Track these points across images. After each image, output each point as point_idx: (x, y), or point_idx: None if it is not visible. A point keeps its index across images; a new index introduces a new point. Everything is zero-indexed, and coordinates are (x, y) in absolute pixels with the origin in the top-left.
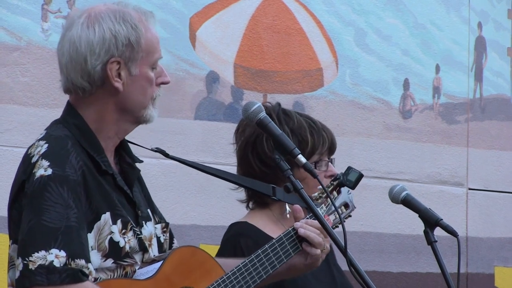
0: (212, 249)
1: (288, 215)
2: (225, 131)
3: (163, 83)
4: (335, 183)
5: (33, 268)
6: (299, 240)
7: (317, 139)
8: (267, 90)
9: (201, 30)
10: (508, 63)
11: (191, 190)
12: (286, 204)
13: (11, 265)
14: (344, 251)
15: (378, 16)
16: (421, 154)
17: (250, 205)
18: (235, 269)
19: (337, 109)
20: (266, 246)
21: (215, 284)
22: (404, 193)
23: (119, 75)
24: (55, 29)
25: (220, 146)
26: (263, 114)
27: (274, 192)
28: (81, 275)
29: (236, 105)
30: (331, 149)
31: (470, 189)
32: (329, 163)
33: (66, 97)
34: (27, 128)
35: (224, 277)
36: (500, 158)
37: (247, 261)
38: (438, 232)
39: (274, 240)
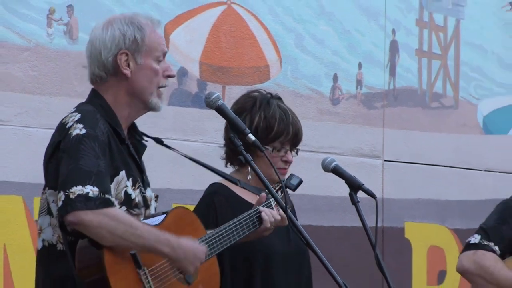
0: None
1: (249, 179)
2: (193, 115)
3: (169, 75)
4: (279, 185)
5: (73, 197)
6: (257, 221)
7: (281, 130)
8: (225, 82)
9: (174, 34)
10: (416, 61)
11: (166, 162)
12: (249, 171)
13: (43, 210)
14: (285, 210)
15: (313, 24)
16: (347, 133)
17: (228, 165)
18: (214, 232)
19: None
20: (235, 220)
21: (201, 241)
22: (333, 164)
23: (128, 65)
24: (58, 33)
25: (188, 126)
26: (220, 101)
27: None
28: (111, 202)
29: (201, 94)
30: (294, 141)
31: (385, 160)
32: (288, 151)
33: (66, 88)
34: (35, 112)
35: (207, 236)
36: (409, 136)
37: (223, 227)
38: (360, 194)
39: (241, 217)
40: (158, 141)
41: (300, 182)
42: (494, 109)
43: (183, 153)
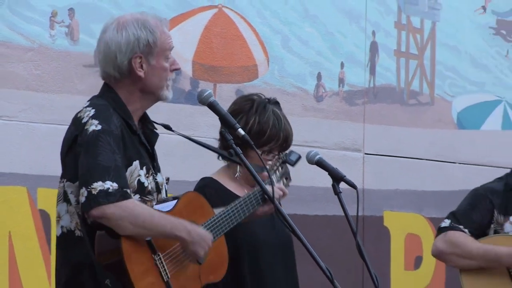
0: None
1: (238, 176)
2: (186, 110)
3: (175, 69)
4: (280, 160)
5: (95, 193)
6: (261, 199)
7: (272, 136)
8: (216, 81)
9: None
10: (394, 61)
11: (160, 154)
12: (238, 168)
13: (60, 198)
14: (272, 200)
15: (298, 26)
16: (330, 128)
17: (219, 158)
18: (222, 212)
19: (268, 95)
20: (240, 199)
21: (209, 221)
22: (317, 157)
23: (141, 66)
24: (60, 35)
25: (181, 121)
26: (212, 98)
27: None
28: (129, 195)
29: (193, 92)
30: (282, 146)
31: (365, 154)
32: (276, 156)
33: (67, 86)
34: (39, 108)
35: (214, 218)
36: (388, 131)
37: (229, 207)
38: (342, 185)
39: (245, 196)
40: (167, 127)
41: (299, 157)
42: (467, 106)
43: (190, 137)
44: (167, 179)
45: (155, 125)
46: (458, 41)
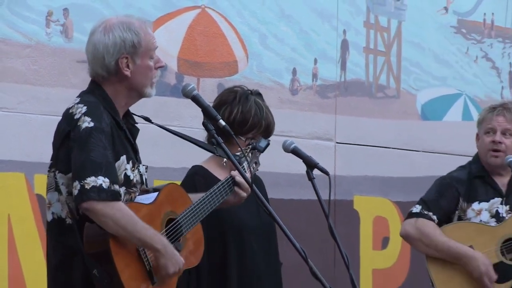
0: (163, 182)
1: (224, 164)
2: (171, 103)
3: (160, 67)
4: (250, 147)
5: (88, 188)
6: (233, 185)
7: (255, 124)
8: (200, 75)
9: (155, 34)
10: (363, 58)
11: (148, 144)
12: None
13: (51, 187)
14: (250, 186)
15: (275, 25)
16: (304, 119)
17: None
18: (198, 201)
19: None
20: (214, 187)
21: (187, 211)
22: (292, 145)
23: (127, 66)
24: (55, 33)
25: (167, 113)
26: (195, 92)
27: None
28: (119, 196)
29: (178, 86)
30: (265, 134)
31: (337, 143)
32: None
33: (62, 80)
34: (36, 100)
35: (191, 207)
36: (358, 122)
37: (204, 196)
38: (315, 172)
39: (219, 184)
40: (147, 119)
41: (268, 144)
42: (430, 99)
43: (168, 128)
44: (146, 168)
45: (136, 119)
46: (422, 39)
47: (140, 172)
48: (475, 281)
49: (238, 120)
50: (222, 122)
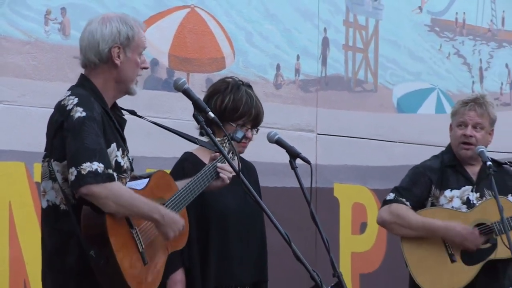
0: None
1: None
2: (163, 96)
3: (144, 67)
4: (227, 137)
5: (84, 173)
6: (216, 171)
7: (245, 111)
8: (189, 71)
9: (147, 32)
10: (343, 54)
11: (140, 134)
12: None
13: (45, 176)
14: (238, 174)
15: (260, 23)
16: (287, 112)
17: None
18: (183, 188)
19: None
20: (199, 174)
21: (175, 196)
22: (276, 136)
23: (118, 56)
24: (53, 30)
25: (159, 106)
26: (186, 85)
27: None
28: (114, 178)
29: (169, 80)
30: (254, 121)
31: (318, 134)
32: (249, 129)
33: (60, 75)
34: (35, 94)
35: (178, 192)
36: (337, 114)
37: (189, 183)
38: (298, 161)
39: (203, 170)
40: (132, 113)
41: (244, 135)
42: (405, 93)
43: (150, 120)
44: (132, 159)
45: (123, 110)
46: (398, 36)
47: (129, 159)
48: (450, 261)
49: (229, 107)
50: (211, 114)
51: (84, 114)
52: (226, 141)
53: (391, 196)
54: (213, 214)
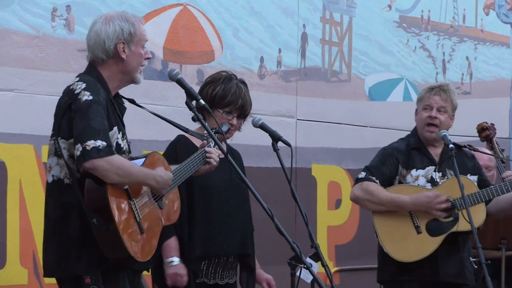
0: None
1: (205, 136)
2: (157, 85)
3: (147, 58)
4: (215, 130)
5: (89, 149)
6: (206, 157)
7: (232, 100)
8: (182, 62)
9: (144, 27)
10: (320, 48)
11: (138, 120)
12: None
13: (51, 153)
14: (225, 155)
15: (245, 20)
16: (270, 99)
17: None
18: (175, 169)
19: None
20: (189, 158)
21: None
22: (260, 122)
23: (124, 50)
24: (59, 26)
25: (154, 94)
26: (180, 75)
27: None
28: (114, 152)
29: (164, 71)
30: (240, 111)
31: (298, 119)
32: (235, 118)
33: (65, 66)
34: (43, 83)
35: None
36: (315, 102)
37: (180, 166)
38: (280, 144)
39: (193, 156)
40: (132, 101)
41: (228, 129)
42: (376, 82)
43: (148, 109)
44: (129, 142)
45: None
46: (369, 32)
47: (128, 143)
48: (416, 232)
49: (219, 95)
50: (202, 102)
51: (91, 97)
52: (213, 133)
53: (362, 174)
54: (200, 189)
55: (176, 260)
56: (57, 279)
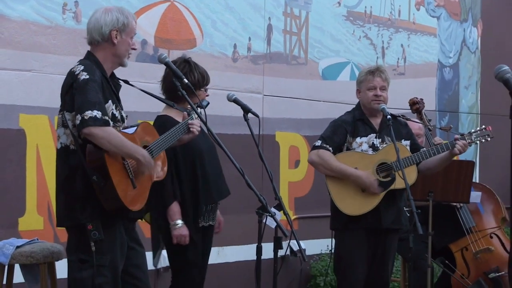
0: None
1: (188, 111)
2: (149, 67)
3: (133, 48)
4: (197, 104)
5: (86, 118)
6: (188, 126)
7: (208, 77)
8: (170, 48)
9: (139, 19)
10: (282, 37)
11: (133, 95)
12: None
13: (60, 124)
14: (205, 124)
15: (222, 14)
16: (242, 79)
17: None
18: (163, 136)
19: (202, 58)
20: (175, 127)
21: (156, 141)
22: (234, 97)
23: (116, 37)
24: (69, 18)
25: (148, 74)
26: (167, 59)
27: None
28: (109, 123)
29: (155, 55)
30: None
31: (264, 95)
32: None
33: (74, 51)
34: (55, 65)
35: (159, 139)
36: (278, 81)
37: (167, 133)
38: (250, 115)
39: (178, 125)
40: (126, 81)
41: (208, 104)
42: (328, 65)
43: (138, 87)
44: (126, 116)
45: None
46: (323, 24)
47: (121, 113)
48: (361, 191)
49: (199, 78)
50: (185, 80)
51: (87, 77)
52: (196, 107)
53: (318, 142)
54: (195, 152)
55: (180, 222)
56: (66, 228)
